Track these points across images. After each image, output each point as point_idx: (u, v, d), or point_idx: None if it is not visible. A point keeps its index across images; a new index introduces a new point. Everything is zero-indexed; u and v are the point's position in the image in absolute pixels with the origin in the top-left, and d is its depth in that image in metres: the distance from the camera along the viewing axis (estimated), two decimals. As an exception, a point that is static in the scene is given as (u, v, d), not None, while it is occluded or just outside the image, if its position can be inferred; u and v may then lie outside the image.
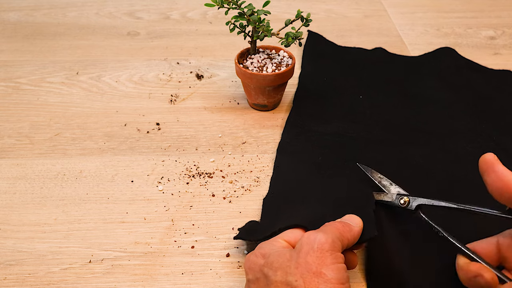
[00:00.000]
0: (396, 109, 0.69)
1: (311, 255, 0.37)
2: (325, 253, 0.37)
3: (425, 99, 0.71)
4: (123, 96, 0.72)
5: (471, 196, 0.51)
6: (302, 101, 0.70)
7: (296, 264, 0.37)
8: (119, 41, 0.87)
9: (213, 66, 0.80)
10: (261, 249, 0.41)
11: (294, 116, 0.67)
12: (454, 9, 0.99)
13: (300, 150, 0.61)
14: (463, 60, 0.80)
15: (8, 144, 0.63)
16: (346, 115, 0.68)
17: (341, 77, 0.76)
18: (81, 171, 0.59)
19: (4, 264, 0.48)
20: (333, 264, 0.37)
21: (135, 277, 0.47)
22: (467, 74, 0.77)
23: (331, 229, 0.40)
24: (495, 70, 0.78)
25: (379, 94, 0.72)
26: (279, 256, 0.38)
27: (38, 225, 0.52)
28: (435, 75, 0.76)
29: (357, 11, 0.98)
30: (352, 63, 0.79)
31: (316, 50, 0.82)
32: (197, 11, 0.97)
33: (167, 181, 0.58)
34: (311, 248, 0.37)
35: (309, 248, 0.37)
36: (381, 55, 0.81)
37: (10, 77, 0.76)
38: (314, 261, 0.37)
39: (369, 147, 0.62)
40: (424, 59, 0.80)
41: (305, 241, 0.38)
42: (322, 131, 0.64)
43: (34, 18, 0.93)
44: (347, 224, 0.42)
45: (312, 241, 0.38)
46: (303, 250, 0.38)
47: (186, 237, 0.51)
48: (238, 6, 0.61)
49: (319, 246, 0.37)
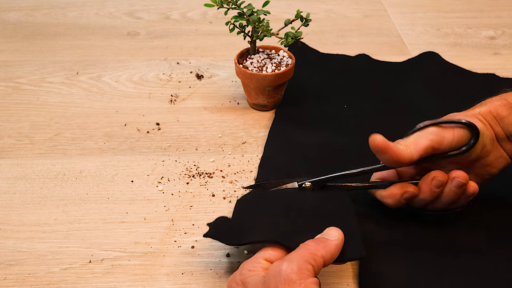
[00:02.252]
0: (381, 116, 0.67)
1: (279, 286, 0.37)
2: (293, 285, 0.36)
3: (410, 105, 0.70)
4: (123, 96, 0.72)
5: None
6: (285, 110, 0.69)
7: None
8: (119, 41, 0.87)
9: (213, 66, 0.80)
10: (242, 275, 0.40)
11: (277, 126, 0.66)
12: (454, 9, 0.99)
13: (282, 165, 0.59)
14: (447, 65, 0.79)
15: (8, 144, 0.63)
16: (329, 125, 0.66)
17: (325, 85, 0.74)
18: (81, 171, 0.59)
19: (4, 264, 0.48)
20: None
21: (135, 277, 0.47)
22: (452, 78, 0.76)
23: (300, 254, 0.39)
24: (480, 74, 0.77)
25: (363, 101, 0.71)
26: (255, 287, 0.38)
27: (38, 225, 0.52)
28: (419, 80, 0.75)
29: (357, 11, 0.98)
30: (336, 70, 0.78)
31: (299, 58, 0.81)
32: (197, 11, 0.97)
33: (167, 181, 0.58)
34: (279, 281, 0.37)
35: (277, 282, 0.37)
36: (365, 62, 0.80)
37: (10, 77, 0.76)
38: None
39: (353, 158, 0.59)
40: (408, 64, 0.79)
41: (271, 274, 0.38)
42: (305, 142, 0.63)
43: (34, 18, 0.93)
44: (321, 240, 0.41)
45: (278, 274, 0.37)
46: (271, 283, 0.37)
47: (186, 237, 0.51)
48: (237, 6, 0.61)
49: (286, 278, 0.37)
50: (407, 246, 0.49)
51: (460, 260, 0.48)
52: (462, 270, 0.47)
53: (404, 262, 0.48)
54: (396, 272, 0.47)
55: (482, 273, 0.47)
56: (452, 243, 0.50)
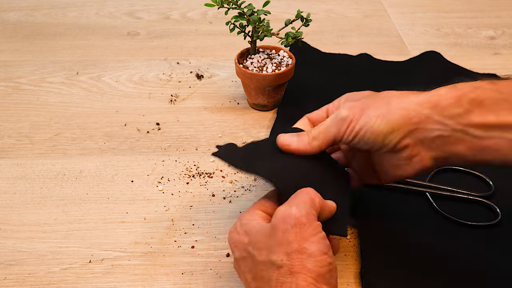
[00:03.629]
0: None
1: (290, 233, 0.37)
2: (303, 228, 0.37)
3: None
4: (123, 96, 0.72)
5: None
6: (286, 109, 0.69)
7: (278, 243, 0.37)
8: (119, 41, 0.87)
9: (213, 66, 0.80)
10: (243, 225, 0.41)
11: (279, 125, 0.66)
12: (454, 9, 0.99)
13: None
14: (449, 64, 0.79)
15: (8, 144, 0.63)
16: None
17: (326, 84, 0.74)
18: (81, 171, 0.59)
19: (4, 264, 0.48)
20: (313, 236, 0.37)
21: (135, 277, 0.47)
22: (454, 78, 0.76)
23: (303, 199, 0.40)
24: (481, 74, 0.77)
25: None
26: (261, 235, 0.39)
27: (38, 225, 0.52)
28: (421, 80, 0.75)
29: (357, 11, 0.98)
30: (337, 70, 0.78)
31: (301, 57, 0.81)
32: (197, 11, 0.97)
33: (167, 181, 0.58)
34: (289, 225, 0.38)
35: (286, 226, 0.38)
36: (366, 61, 0.80)
37: (10, 77, 0.76)
38: (294, 238, 0.37)
39: None
40: (409, 64, 0.79)
41: (280, 218, 0.38)
42: None
43: (34, 18, 0.93)
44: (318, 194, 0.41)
45: (288, 218, 0.38)
46: (280, 228, 0.38)
47: (186, 237, 0.51)
48: (238, 6, 0.61)
49: (296, 222, 0.38)
50: (409, 246, 0.49)
51: (462, 261, 0.48)
52: (463, 271, 0.47)
53: (406, 262, 0.48)
54: (397, 272, 0.47)
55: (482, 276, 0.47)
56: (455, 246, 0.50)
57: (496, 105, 0.39)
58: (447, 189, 0.55)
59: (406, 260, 0.48)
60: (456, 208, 0.53)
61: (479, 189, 0.55)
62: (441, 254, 0.48)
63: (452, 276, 0.46)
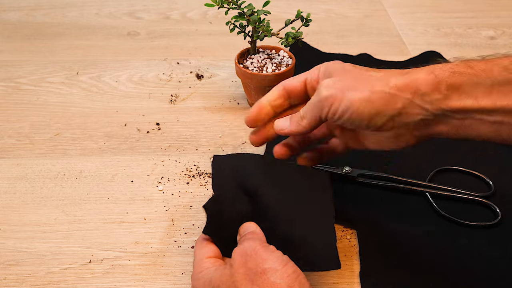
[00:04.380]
0: None
1: (249, 261, 0.38)
2: (258, 253, 0.39)
3: None
4: (123, 96, 0.72)
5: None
6: None
7: (242, 276, 0.38)
8: (119, 41, 0.87)
9: (213, 66, 0.80)
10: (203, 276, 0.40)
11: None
12: (454, 9, 0.99)
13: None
14: None
15: (8, 144, 0.63)
16: None
17: None
18: (81, 171, 0.59)
19: (4, 264, 0.48)
20: (270, 255, 0.38)
21: (135, 277, 0.47)
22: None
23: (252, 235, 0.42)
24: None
25: None
26: (224, 276, 0.39)
27: (38, 225, 0.52)
28: None
29: (357, 11, 0.98)
30: None
31: (300, 58, 0.81)
32: (197, 11, 0.97)
33: (167, 181, 0.58)
34: (247, 255, 0.39)
35: (245, 257, 0.39)
36: (366, 61, 0.80)
37: (10, 77, 0.76)
38: (254, 263, 0.38)
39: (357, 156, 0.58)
40: (409, 63, 0.80)
41: (237, 255, 0.40)
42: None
43: (34, 18, 0.93)
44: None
45: (244, 251, 0.39)
46: (240, 262, 0.39)
47: (186, 237, 0.51)
48: (238, 6, 0.61)
49: (252, 250, 0.39)
50: (409, 246, 0.49)
51: (461, 261, 0.48)
52: (463, 271, 0.47)
53: (406, 263, 0.48)
54: (397, 272, 0.47)
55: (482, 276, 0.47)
56: (455, 246, 0.50)
57: (473, 89, 0.40)
58: (447, 189, 0.55)
59: (406, 260, 0.48)
60: (456, 208, 0.53)
61: (479, 189, 0.55)
62: (441, 254, 0.48)
63: (452, 276, 0.46)
